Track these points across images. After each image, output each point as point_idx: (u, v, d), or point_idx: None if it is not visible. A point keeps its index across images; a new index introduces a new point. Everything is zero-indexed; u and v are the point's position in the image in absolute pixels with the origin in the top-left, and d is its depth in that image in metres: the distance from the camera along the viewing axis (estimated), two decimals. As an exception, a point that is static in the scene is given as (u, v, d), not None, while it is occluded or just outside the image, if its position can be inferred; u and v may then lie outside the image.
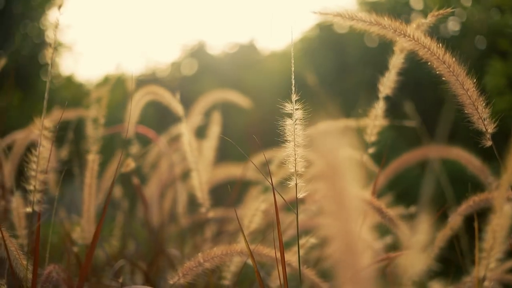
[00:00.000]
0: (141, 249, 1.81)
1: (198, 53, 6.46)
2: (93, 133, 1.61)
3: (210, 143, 1.65)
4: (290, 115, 1.00)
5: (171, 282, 1.09)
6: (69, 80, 6.76)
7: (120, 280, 1.12)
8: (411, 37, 0.94)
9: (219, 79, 5.58)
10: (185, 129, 1.29)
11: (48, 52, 0.98)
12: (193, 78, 6.14)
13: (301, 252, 1.20)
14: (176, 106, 1.36)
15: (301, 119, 0.99)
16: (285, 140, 1.00)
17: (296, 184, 1.00)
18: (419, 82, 4.61)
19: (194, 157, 1.27)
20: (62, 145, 1.99)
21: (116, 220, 2.01)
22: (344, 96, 5.01)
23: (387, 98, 1.23)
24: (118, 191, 2.06)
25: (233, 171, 1.83)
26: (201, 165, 1.30)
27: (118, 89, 7.35)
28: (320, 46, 5.21)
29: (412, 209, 1.56)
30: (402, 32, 0.94)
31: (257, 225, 1.22)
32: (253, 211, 1.22)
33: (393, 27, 0.94)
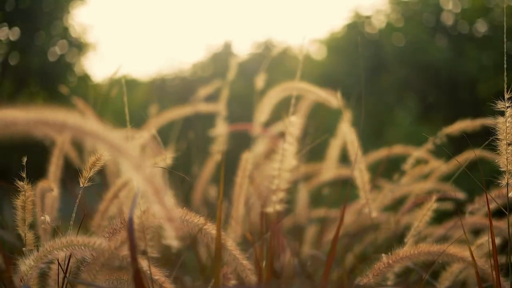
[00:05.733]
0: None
1: (222, 52, 6.44)
2: (220, 131, 1.58)
3: (337, 142, 1.63)
4: (502, 113, 0.98)
5: (361, 283, 1.07)
6: (86, 80, 6.70)
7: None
8: None
9: (245, 79, 5.56)
10: (346, 127, 1.27)
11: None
12: (219, 78, 6.12)
13: (479, 253, 1.19)
14: (334, 102, 1.32)
15: (513, 117, 0.97)
16: (496, 138, 0.98)
17: (507, 184, 0.98)
18: (455, 83, 4.62)
19: (357, 156, 1.25)
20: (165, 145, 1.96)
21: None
22: (379, 95, 5.01)
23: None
24: (213, 191, 2.03)
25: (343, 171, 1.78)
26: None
27: (134, 89, 7.29)
28: (352, 45, 5.20)
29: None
30: None
31: (425, 225, 1.21)
32: (425, 210, 1.20)
33: None
